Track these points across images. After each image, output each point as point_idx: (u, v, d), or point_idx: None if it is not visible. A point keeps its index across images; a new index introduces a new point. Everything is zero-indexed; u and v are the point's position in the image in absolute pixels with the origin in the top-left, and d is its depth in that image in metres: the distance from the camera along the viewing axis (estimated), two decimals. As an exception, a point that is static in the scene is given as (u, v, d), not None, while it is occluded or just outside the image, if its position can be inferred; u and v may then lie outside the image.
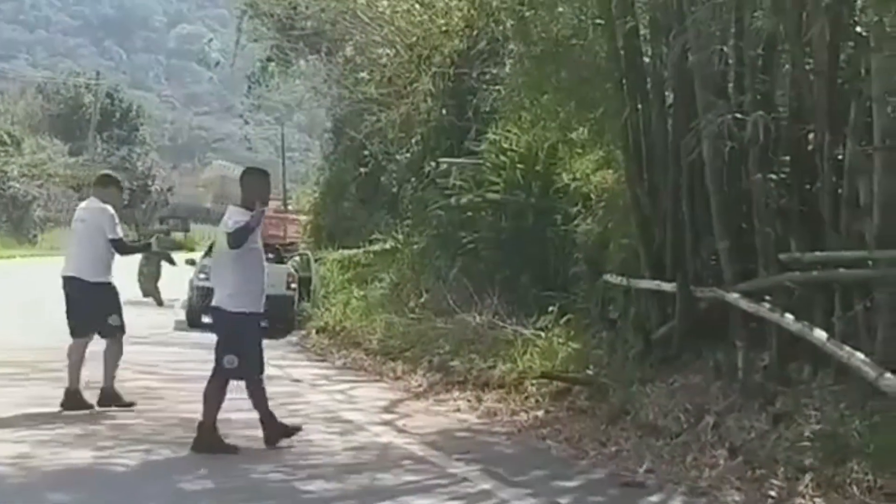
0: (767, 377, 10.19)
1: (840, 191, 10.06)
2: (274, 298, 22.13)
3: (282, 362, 17.35)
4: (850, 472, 8.33)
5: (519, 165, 16.55)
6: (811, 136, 10.54)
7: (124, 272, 13.24)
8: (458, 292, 17.88)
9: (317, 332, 21.79)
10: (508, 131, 16.53)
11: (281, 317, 22.38)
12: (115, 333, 11.78)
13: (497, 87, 16.93)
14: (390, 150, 25.36)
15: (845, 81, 10.35)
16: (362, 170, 27.51)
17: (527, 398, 12.91)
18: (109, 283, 11.79)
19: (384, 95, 25.13)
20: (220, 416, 10.03)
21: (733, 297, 10.56)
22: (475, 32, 19.53)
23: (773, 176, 10.70)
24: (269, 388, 13.35)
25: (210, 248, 27.39)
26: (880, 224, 9.38)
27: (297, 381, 15.30)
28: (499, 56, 18.11)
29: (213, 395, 9.94)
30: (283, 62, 31.80)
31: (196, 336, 19.43)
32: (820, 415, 9.14)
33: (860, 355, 8.74)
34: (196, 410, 10.09)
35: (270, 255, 25.08)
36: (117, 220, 11.74)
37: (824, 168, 10.20)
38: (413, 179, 23.31)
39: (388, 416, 12.61)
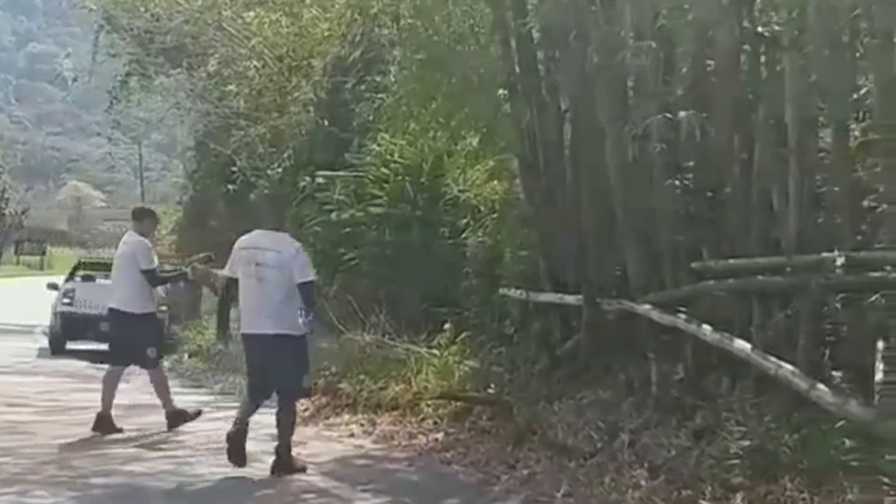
0: (683, 391, 9.73)
1: (751, 196, 9.63)
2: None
3: (156, 389, 16.43)
4: (784, 489, 7.87)
5: (403, 177, 15.88)
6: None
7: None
8: (341, 310, 17.10)
9: (190, 356, 20.87)
10: (393, 142, 15.85)
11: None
12: (154, 365, 12.20)
13: (380, 96, 16.25)
14: (260, 166, 24.46)
15: (749, 83, 9.93)
16: (230, 187, 26.51)
17: (423, 420, 12.28)
18: (148, 315, 12.10)
19: (251, 109, 24.30)
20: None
21: (644, 308, 10.07)
22: (356, 39, 18.80)
23: (680, 182, 10.21)
24: (148, 419, 12.64)
25: (73, 272, 26.23)
26: (797, 229, 8.96)
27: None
28: (383, 63, 17.41)
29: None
30: (144, 78, 30.65)
31: (62, 364, 18.38)
32: (745, 429, 8.65)
33: (788, 366, 8.29)
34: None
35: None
36: (151, 252, 12.05)
37: (733, 172, 9.76)
38: (286, 195, 22.44)
39: (279, 445, 11.80)
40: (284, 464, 9.64)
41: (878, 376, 8.01)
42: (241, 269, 9.30)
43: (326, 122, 20.80)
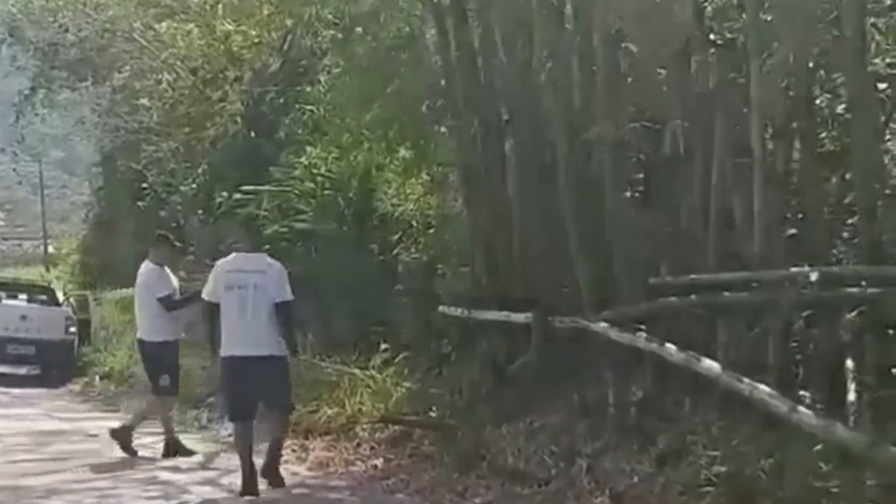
0: (643, 413, 9.20)
1: (711, 208, 9.18)
2: (50, 344, 20.61)
3: (70, 414, 15.65)
4: (764, 517, 7.38)
5: (331, 191, 15.25)
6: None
7: None
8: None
9: (101, 379, 19.97)
10: (321, 155, 15.21)
11: (60, 363, 20.53)
12: (163, 392, 12.06)
13: (309, 107, 15.61)
14: (172, 182, 23.69)
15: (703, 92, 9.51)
16: (140, 203, 25.65)
17: (359, 445, 11.67)
18: (165, 342, 11.94)
19: (163, 124, 23.54)
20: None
21: (600, 326, 9.55)
22: (283, 47, 18.13)
23: (635, 193, 9.76)
24: (62, 447, 11.85)
25: None
26: (762, 242, 8.52)
27: (93, 435, 13.58)
28: (310, 73, 16.78)
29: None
30: (49, 92, 29.64)
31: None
32: (715, 454, 8.16)
33: (765, 388, 7.80)
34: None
35: (44, 297, 23.19)
36: (167, 278, 11.94)
37: (692, 183, 9.32)
38: (201, 212, 21.70)
39: (208, 474, 11.16)
40: (276, 478, 9.53)
41: (850, 396, 7.60)
42: (224, 293, 9.15)
43: (245, 135, 20.06)
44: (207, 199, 21.21)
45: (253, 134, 20.13)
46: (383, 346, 12.57)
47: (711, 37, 9.84)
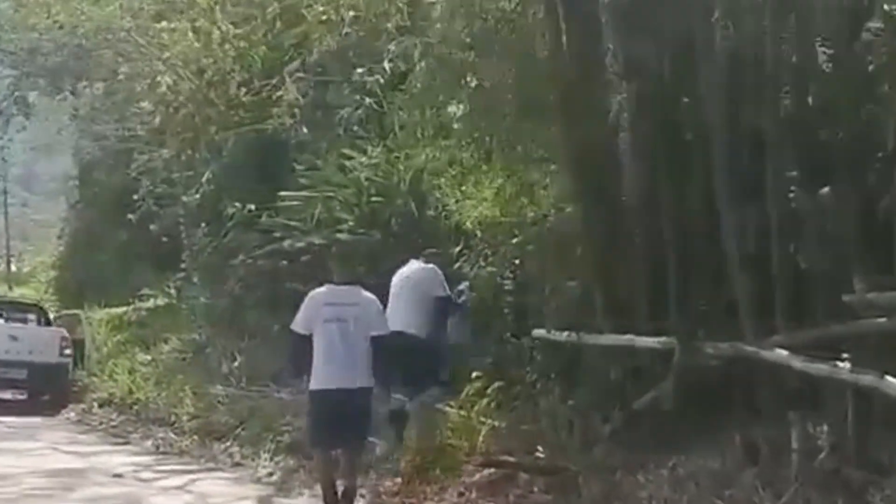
0: (841, 461, 7.28)
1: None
2: (44, 367, 18.34)
3: (78, 448, 13.63)
4: None
5: (379, 198, 13.28)
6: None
7: None
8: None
9: (101, 406, 17.78)
10: (371, 156, 13.24)
11: (55, 388, 18.35)
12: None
13: (367, 100, 13.63)
14: (169, 192, 21.61)
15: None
16: (130, 217, 23.47)
17: (442, 490, 9.65)
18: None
19: (157, 131, 21.36)
20: None
21: (776, 354, 7.64)
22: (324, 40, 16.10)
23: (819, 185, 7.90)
24: (90, 490, 9.98)
25: None
26: None
27: (118, 475, 11.54)
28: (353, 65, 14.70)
29: None
30: (24, 104, 27.43)
31: None
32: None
33: None
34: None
35: (31, 317, 20.90)
36: None
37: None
38: (205, 224, 19.65)
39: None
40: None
41: None
42: (320, 325, 8.80)
43: (258, 139, 18.04)
44: (213, 210, 19.16)
45: (264, 140, 18.03)
46: (474, 374, 10.41)
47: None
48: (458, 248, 12.31)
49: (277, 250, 15.09)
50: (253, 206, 17.07)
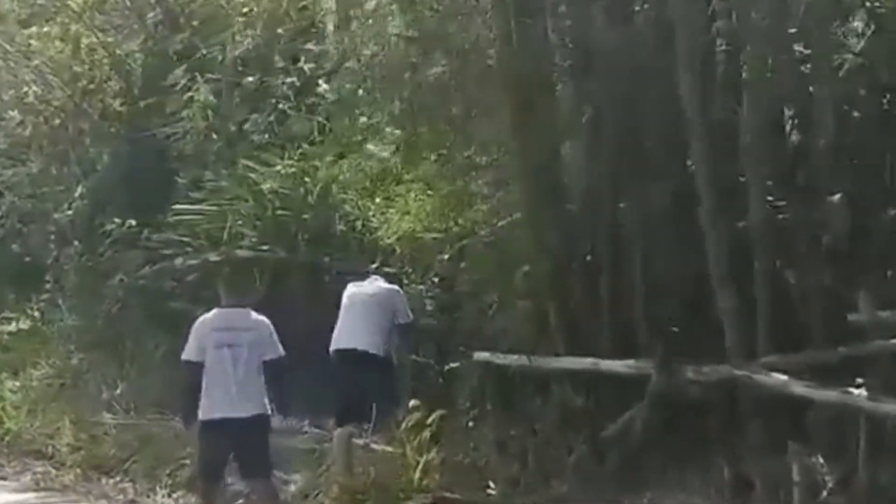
0: (852, 495, 6.47)
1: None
2: None
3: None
4: None
5: (284, 211, 12.16)
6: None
7: None
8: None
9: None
10: (282, 164, 12.11)
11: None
12: None
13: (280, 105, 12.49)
14: (35, 209, 19.98)
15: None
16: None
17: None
18: None
19: (23, 145, 19.83)
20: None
21: (774, 378, 6.81)
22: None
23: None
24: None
25: None
26: None
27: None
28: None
29: None
30: None
31: None
32: None
33: None
34: None
35: None
36: None
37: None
38: (77, 242, 18.13)
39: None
40: None
41: None
42: (210, 351, 8.24)
43: (137, 150, 16.75)
44: (87, 227, 17.69)
45: (143, 149, 16.72)
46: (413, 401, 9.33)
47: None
48: (373, 265, 11.23)
49: (166, 269, 13.72)
50: (134, 222, 15.66)
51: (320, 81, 11.66)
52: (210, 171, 14.26)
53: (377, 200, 11.36)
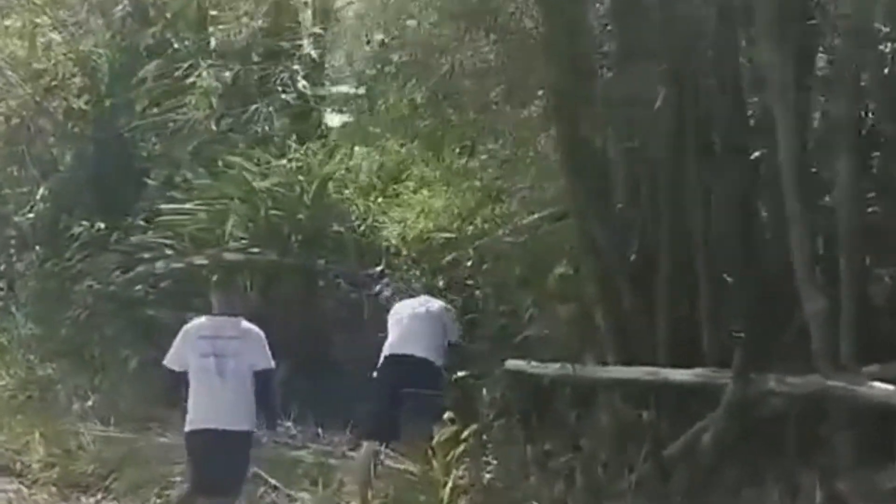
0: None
1: None
2: None
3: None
4: None
5: (277, 211, 11.22)
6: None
7: None
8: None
9: None
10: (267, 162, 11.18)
11: None
12: None
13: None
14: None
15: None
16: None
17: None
18: None
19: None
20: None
21: (880, 389, 6.00)
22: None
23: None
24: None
25: None
26: None
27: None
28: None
29: None
30: None
31: None
32: None
33: None
34: None
35: None
36: None
37: None
38: (39, 248, 17.05)
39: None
40: None
41: None
42: (195, 360, 7.93)
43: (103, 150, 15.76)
44: (50, 230, 16.62)
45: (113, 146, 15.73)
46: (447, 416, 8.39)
47: None
48: (378, 268, 10.34)
49: (142, 273, 12.71)
50: (103, 225, 14.66)
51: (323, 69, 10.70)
52: (187, 169, 13.31)
53: (381, 198, 10.45)
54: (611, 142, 7.60)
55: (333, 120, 12.05)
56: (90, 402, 13.45)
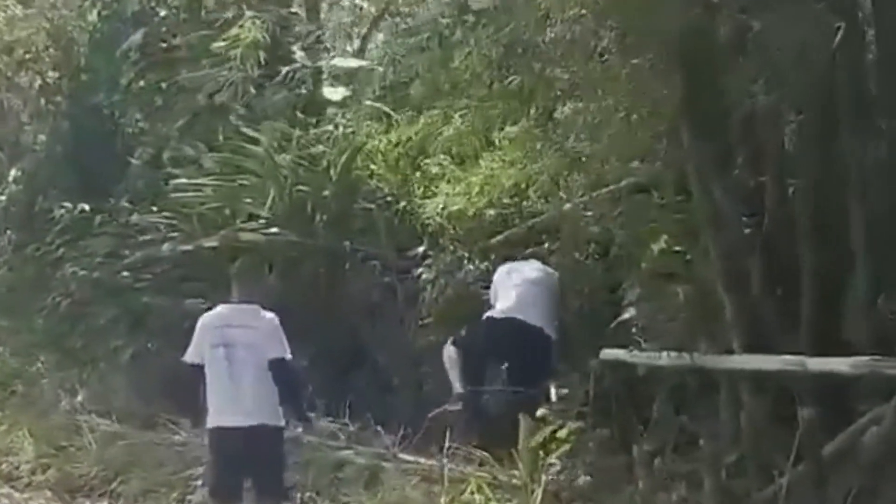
0: None
1: None
2: None
3: None
4: None
5: (303, 187, 10.00)
6: None
7: None
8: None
9: None
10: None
11: None
12: None
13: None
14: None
15: None
16: None
17: None
18: None
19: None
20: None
21: None
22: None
23: None
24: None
25: None
26: None
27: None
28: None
29: None
30: None
31: None
32: None
33: None
34: None
35: None
36: None
37: None
38: (9, 232, 15.71)
39: None
40: None
41: None
42: (208, 352, 7.35)
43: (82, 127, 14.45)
44: (26, 214, 15.28)
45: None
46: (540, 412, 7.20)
47: None
48: (421, 250, 9.16)
49: (145, 257, 11.41)
50: (87, 207, 13.38)
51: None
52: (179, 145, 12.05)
53: (425, 171, 9.26)
54: (740, 96, 6.42)
55: (334, 94, 10.96)
56: (79, 398, 12.24)
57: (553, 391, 7.94)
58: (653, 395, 7.01)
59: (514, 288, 8.53)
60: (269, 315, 7.34)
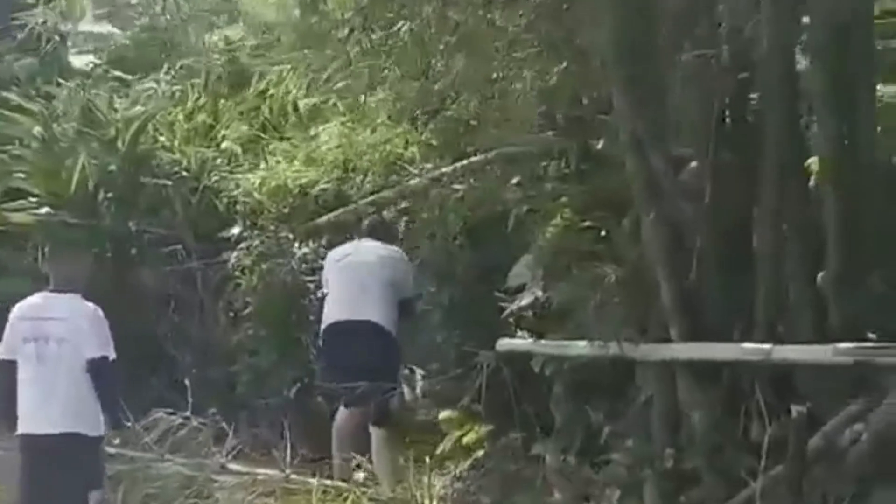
0: None
1: None
2: None
3: None
4: None
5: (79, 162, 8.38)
6: None
7: None
8: None
9: None
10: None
11: None
12: None
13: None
14: None
15: None
16: None
17: None
18: None
19: None
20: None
21: None
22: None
23: None
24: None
25: None
26: None
27: None
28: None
29: None
30: None
31: None
32: None
33: None
34: None
35: None
36: None
37: None
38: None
39: None
40: None
41: None
42: (20, 346, 6.40)
43: None
44: None
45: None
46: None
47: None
48: (235, 232, 7.78)
49: None
50: None
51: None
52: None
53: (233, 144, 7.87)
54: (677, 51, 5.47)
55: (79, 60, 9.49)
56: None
57: (407, 391, 6.88)
58: (562, 389, 5.95)
59: (346, 278, 7.29)
60: (91, 306, 6.41)
